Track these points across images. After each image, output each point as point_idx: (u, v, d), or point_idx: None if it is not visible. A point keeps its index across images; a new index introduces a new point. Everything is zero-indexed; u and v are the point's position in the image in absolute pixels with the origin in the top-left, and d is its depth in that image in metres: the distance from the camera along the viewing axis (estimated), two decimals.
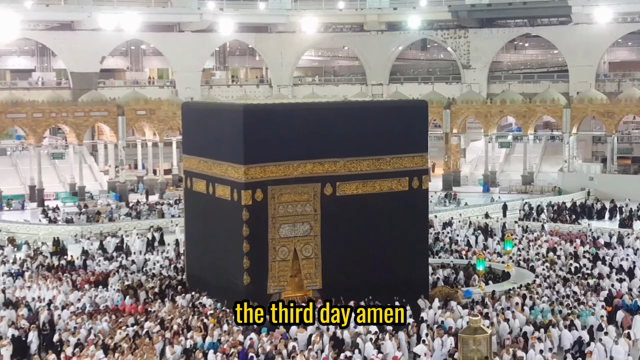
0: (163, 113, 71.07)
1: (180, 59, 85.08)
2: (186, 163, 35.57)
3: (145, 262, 41.11)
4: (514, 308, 30.04)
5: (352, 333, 27.10)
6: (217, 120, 32.91)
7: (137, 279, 36.06)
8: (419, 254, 33.08)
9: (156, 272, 37.88)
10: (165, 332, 27.02)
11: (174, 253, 43.17)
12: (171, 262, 40.63)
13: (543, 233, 47.96)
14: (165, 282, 35.31)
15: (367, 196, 32.01)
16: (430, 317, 29.53)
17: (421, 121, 33.85)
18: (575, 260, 39.60)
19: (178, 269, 38.80)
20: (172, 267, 39.34)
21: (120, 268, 39.18)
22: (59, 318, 29.43)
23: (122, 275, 36.93)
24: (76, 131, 68.05)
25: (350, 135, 31.79)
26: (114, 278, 36.50)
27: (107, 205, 63.10)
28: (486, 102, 73.68)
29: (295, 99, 70.30)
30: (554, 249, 42.35)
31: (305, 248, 31.14)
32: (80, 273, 38.01)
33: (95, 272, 37.92)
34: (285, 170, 30.82)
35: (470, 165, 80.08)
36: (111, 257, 43.22)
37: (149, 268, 39.35)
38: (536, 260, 39.43)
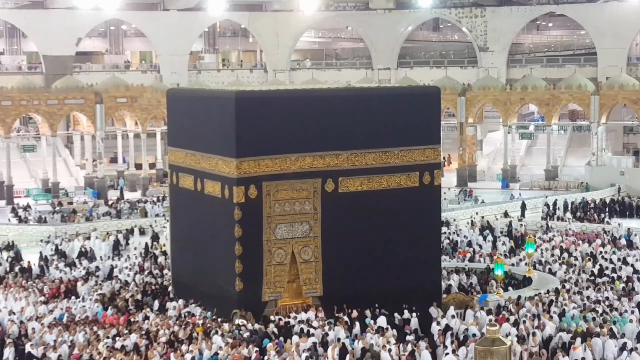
0: (146, 101, 71.11)
1: (165, 41, 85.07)
2: (172, 156, 35.57)
3: (112, 268, 40.81)
4: (542, 315, 30.14)
5: (366, 343, 27.13)
6: (206, 108, 32.91)
7: (110, 287, 35.89)
8: (430, 257, 33.04)
9: (129, 280, 37.61)
10: (157, 346, 26.95)
11: (142, 257, 43.20)
12: (142, 268, 40.44)
13: (557, 233, 48.22)
14: (147, 289, 35.30)
15: (373, 193, 32.00)
16: (455, 326, 29.62)
17: (433, 110, 33.81)
18: (593, 261, 40.16)
19: (154, 274, 38.77)
20: (146, 273, 39.20)
21: (89, 275, 39.03)
22: (32, 332, 29.27)
23: (92, 284, 36.79)
24: (49, 121, 68.10)
25: (355, 126, 31.76)
26: (83, 287, 36.32)
27: (84, 204, 63.18)
28: (505, 88, 73.68)
29: (293, 85, 70.29)
30: (567, 250, 42.90)
31: (304, 250, 31.16)
32: (44, 281, 37.73)
33: (63, 280, 37.66)
34: (281, 164, 30.83)
35: (487, 159, 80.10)
36: (72, 263, 42.98)
37: (121, 275, 38.99)
38: (552, 263, 39.71)
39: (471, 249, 44.60)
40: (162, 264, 41.63)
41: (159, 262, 41.95)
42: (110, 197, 66.41)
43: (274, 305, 30.96)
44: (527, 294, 33.56)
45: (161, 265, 41.38)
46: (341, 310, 30.31)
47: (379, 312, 30.54)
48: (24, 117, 78.26)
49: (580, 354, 26.42)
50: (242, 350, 26.36)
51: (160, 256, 43.30)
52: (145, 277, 38.21)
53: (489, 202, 62.45)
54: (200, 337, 27.79)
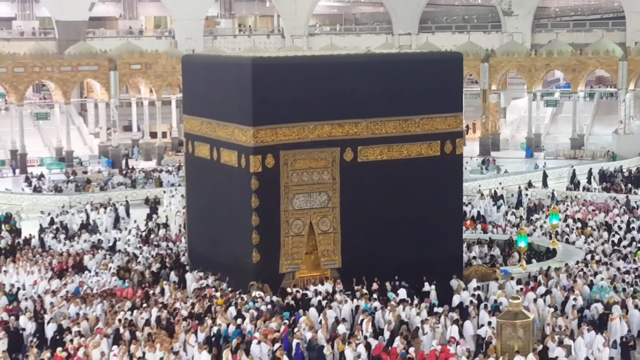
0: (161, 67, 71.09)
1: (180, 6, 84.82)
2: (187, 125, 35.58)
3: (115, 241, 40.72)
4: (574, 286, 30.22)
5: (396, 315, 27.24)
6: (223, 75, 32.84)
7: (120, 260, 35.93)
8: (451, 229, 33.01)
9: (137, 252, 37.57)
10: (181, 320, 27.08)
11: (147, 229, 43.21)
12: (144, 241, 40.40)
13: (574, 203, 48.25)
14: (162, 261, 35.48)
15: (393, 162, 31.92)
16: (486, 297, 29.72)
17: (455, 76, 33.59)
18: (608, 231, 40.64)
19: (161, 247, 38.80)
20: (153, 246, 39.18)
21: (95, 248, 39.05)
22: (51, 306, 29.38)
23: (101, 257, 36.81)
24: (63, 88, 68.26)
25: (374, 93, 31.60)
26: (92, 261, 36.28)
27: (98, 173, 63.45)
28: (530, 54, 73.12)
29: (311, 51, 70.01)
30: (582, 220, 43.30)
31: (322, 221, 31.18)
32: (52, 254, 37.72)
33: (70, 254, 37.72)
34: (299, 132, 30.78)
35: (511, 127, 79.72)
36: (73, 235, 42.86)
37: (129, 248, 38.99)
38: (570, 233, 39.76)
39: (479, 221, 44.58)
40: (167, 235, 41.66)
41: (166, 234, 41.90)
42: (125, 167, 66.65)
43: (292, 277, 31.05)
44: (553, 267, 33.49)
45: (165, 236, 41.43)
46: (360, 283, 30.37)
47: (398, 284, 30.58)
48: (37, 84, 78.53)
49: (618, 325, 26.46)
50: (271, 324, 26.44)
51: (162, 228, 43.31)
52: (152, 250, 38.14)
53: (513, 171, 62.22)
54: (220, 310, 27.91)
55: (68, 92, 68.68)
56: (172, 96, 74.79)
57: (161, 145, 72.55)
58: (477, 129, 78.35)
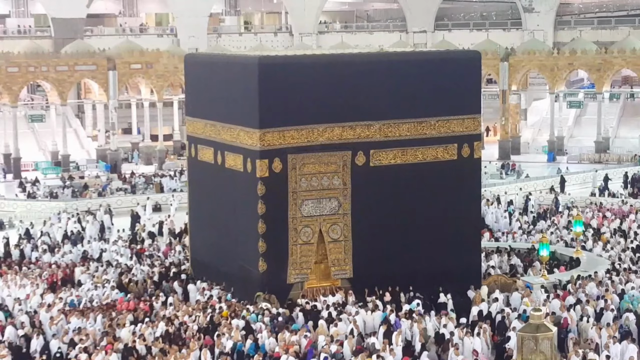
0: (162, 67, 71.31)
1: (183, 2, 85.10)
2: (190, 127, 35.70)
3: (101, 252, 40.35)
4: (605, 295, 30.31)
5: (421, 327, 27.36)
6: (227, 75, 32.96)
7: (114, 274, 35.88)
8: (469, 237, 33.04)
9: (129, 263, 37.57)
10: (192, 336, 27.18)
11: (138, 239, 43.20)
12: (133, 250, 40.22)
13: (588, 209, 48.32)
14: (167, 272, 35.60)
15: (407, 167, 31.97)
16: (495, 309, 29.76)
17: (473, 76, 33.65)
18: (624, 238, 40.74)
19: (153, 257, 38.75)
20: (146, 256, 39.03)
21: (86, 260, 38.83)
22: (51, 321, 29.38)
23: (93, 270, 36.62)
24: (59, 89, 68.52)
25: (387, 94, 31.68)
26: (84, 274, 35.97)
27: (96, 178, 63.61)
28: (552, 52, 73.08)
29: (320, 49, 70.11)
30: (594, 227, 43.53)
31: (332, 229, 31.24)
32: (41, 267, 37.51)
33: (60, 266, 37.61)
34: (308, 135, 30.85)
35: (532, 130, 79.62)
36: (54, 246, 42.24)
37: (121, 259, 38.78)
38: (584, 241, 39.89)
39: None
40: (156, 246, 41.59)
41: (154, 245, 41.83)
42: (124, 171, 66.80)
43: (300, 287, 31.10)
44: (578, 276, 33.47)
45: (157, 247, 41.38)
46: (373, 294, 30.39)
47: (413, 295, 30.62)
48: (32, 85, 78.86)
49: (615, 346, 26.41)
50: (292, 337, 26.53)
51: (147, 239, 43.27)
52: (145, 260, 38.05)
53: (534, 176, 62.13)
54: (227, 323, 27.99)
55: (64, 93, 68.92)
56: (174, 97, 74.97)
57: (162, 148, 72.69)
58: (496, 131, 78.24)
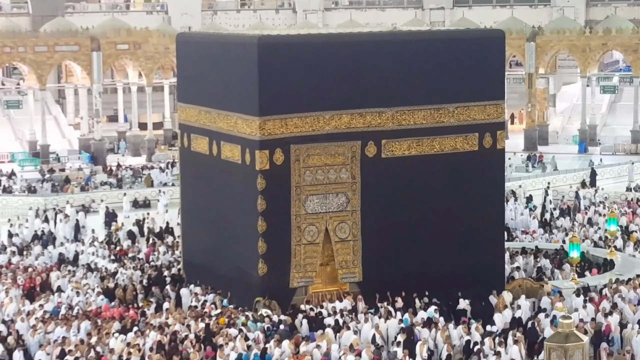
0: (152, 48, 71.24)
1: None
2: (182, 114, 35.70)
3: (77, 255, 40.34)
4: None
5: (445, 337, 27.46)
6: (224, 57, 32.94)
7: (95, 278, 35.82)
8: (492, 236, 33.04)
9: (108, 267, 37.61)
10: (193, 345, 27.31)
11: (114, 239, 43.26)
12: (112, 252, 40.31)
13: (616, 205, 48.51)
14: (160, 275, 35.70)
15: (423, 158, 31.96)
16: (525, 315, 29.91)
17: (496, 58, 33.60)
18: None
19: (136, 260, 38.68)
20: (129, 258, 38.98)
21: (62, 264, 38.79)
22: (33, 330, 29.37)
23: (70, 274, 36.49)
24: (37, 71, 68.49)
25: (401, 78, 31.65)
26: (61, 280, 35.92)
27: (79, 170, 63.64)
28: (584, 32, 72.87)
29: (327, 28, 70.06)
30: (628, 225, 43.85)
31: (340, 227, 31.24)
32: (14, 271, 37.24)
33: (36, 269, 37.50)
34: (313, 123, 30.85)
35: (561, 118, 79.46)
36: (22, 249, 42.13)
37: (102, 262, 38.78)
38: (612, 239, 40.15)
39: None
40: (136, 247, 41.58)
41: (135, 247, 41.83)
42: (110, 163, 66.84)
43: (304, 292, 31.14)
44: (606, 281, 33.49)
45: (138, 248, 41.36)
46: (385, 299, 30.40)
47: (429, 301, 30.64)
48: (8, 67, 78.86)
49: None
50: (305, 347, 26.68)
51: (126, 239, 43.35)
52: (130, 264, 37.91)
53: (563, 169, 62.06)
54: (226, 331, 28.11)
55: (43, 77, 68.88)
56: (165, 81, 74.92)
57: (152, 138, 72.70)
58: (522, 119, 78.11)
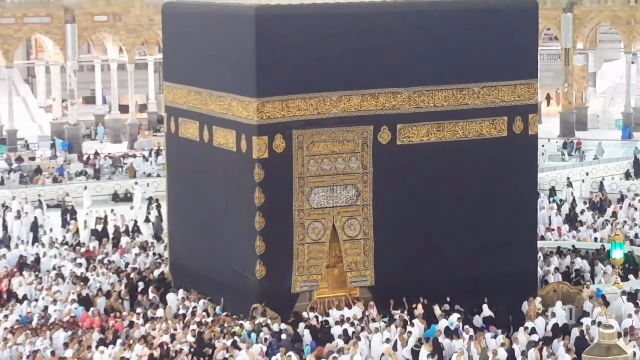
0: (134, 19, 71.23)
1: None
2: (169, 95, 35.74)
3: (38, 257, 40.19)
4: None
5: (480, 348, 27.61)
6: (216, 30, 32.96)
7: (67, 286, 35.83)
8: (522, 234, 33.06)
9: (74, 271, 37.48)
10: None
11: (73, 241, 43.33)
12: (80, 255, 40.30)
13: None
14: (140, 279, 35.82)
15: (444, 145, 32.00)
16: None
17: (528, 31, 33.56)
18: None
19: (109, 262, 38.67)
20: (99, 261, 38.90)
21: (24, 268, 38.59)
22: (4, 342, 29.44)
23: (35, 280, 36.51)
24: (3, 47, 68.50)
25: (419, 54, 31.65)
26: (25, 287, 35.86)
27: (51, 159, 63.70)
28: (629, 0, 72.76)
29: None
30: None
31: (349, 224, 31.29)
32: None
33: None
34: (319, 106, 30.89)
35: (602, 99, 79.40)
36: None
37: (69, 266, 38.53)
38: None
39: None
40: (102, 250, 41.52)
41: (101, 248, 41.78)
42: (86, 151, 66.88)
43: (308, 298, 31.22)
44: None
45: (100, 249, 41.36)
46: (399, 306, 30.47)
47: (450, 308, 30.74)
48: None
49: None
50: None
51: (91, 240, 43.27)
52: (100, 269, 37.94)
53: (605, 158, 62.05)
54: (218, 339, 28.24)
55: (10, 52, 68.96)
56: (149, 57, 74.99)
57: (134, 122, 72.77)
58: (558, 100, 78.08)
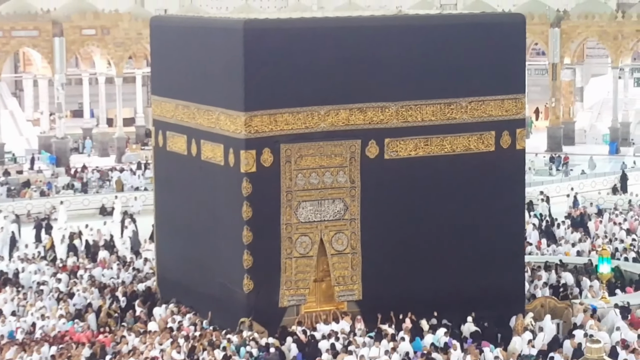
0: (122, 33, 71.24)
1: None
2: (157, 109, 35.75)
3: (17, 272, 40.09)
4: None
5: None
6: (204, 44, 32.97)
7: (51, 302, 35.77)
8: (509, 249, 33.09)
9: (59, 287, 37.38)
10: None
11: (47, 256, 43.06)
12: (58, 269, 40.12)
13: (632, 212, 49.72)
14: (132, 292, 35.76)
15: (432, 160, 32.02)
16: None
17: (516, 46, 33.59)
18: None
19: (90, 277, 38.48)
20: (80, 276, 38.71)
21: (6, 283, 38.33)
22: None
23: (18, 296, 36.38)
24: None
25: (407, 68, 31.72)
26: (10, 303, 35.65)
27: (38, 172, 63.61)
28: (616, 16, 73.04)
29: (322, 11, 70.14)
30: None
31: (337, 238, 31.29)
32: None
33: None
34: (307, 120, 30.90)
35: (590, 114, 79.57)
36: None
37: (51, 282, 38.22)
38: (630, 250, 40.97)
39: None
40: (81, 263, 41.40)
41: (78, 263, 41.58)
42: (74, 165, 66.78)
43: (296, 312, 31.18)
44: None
45: (80, 265, 41.08)
46: (387, 320, 30.49)
47: (437, 323, 30.72)
48: None
49: None
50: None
51: (68, 256, 42.97)
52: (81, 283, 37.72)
53: (592, 173, 62.20)
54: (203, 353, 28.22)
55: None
56: (137, 71, 74.99)
57: (122, 136, 72.72)
58: (547, 115, 78.24)
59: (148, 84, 66.14)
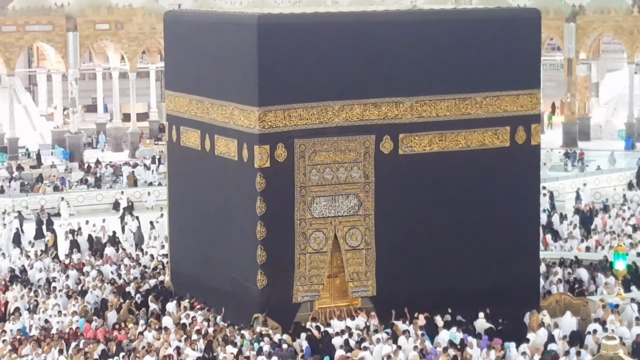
0: (136, 28, 71.24)
1: None
2: (171, 104, 35.75)
3: (24, 269, 40.16)
4: None
5: None
6: (218, 39, 32.97)
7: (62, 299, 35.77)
8: (525, 245, 33.08)
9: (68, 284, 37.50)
10: None
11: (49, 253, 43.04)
12: (62, 265, 40.22)
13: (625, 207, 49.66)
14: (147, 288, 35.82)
15: (446, 155, 32.01)
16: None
17: (531, 41, 33.55)
18: None
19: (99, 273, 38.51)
20: (87, 273, 38.69)
21: (14, 281, 38.45)
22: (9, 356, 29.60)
23: (29, 294, 36.40)
24: (5, 55, 68.52)
25: (422, 63, 31.69)
26: (20, 302, 35.69)
27: (52, 167, 63.70)
28: (632, 10, 72.79)
29: (336, 6, 70.11)
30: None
31: (351, 234, 31.28)
32: None
33: None
34: (320, 115, 30.89)
35: (605, 109, 79.33)
36: None
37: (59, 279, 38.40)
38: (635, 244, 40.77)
39: None
40: (88, 259, 41.41)
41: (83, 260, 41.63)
42: (87, 159, 66.84)
43: (309, 308, 31.20)
44: None
45: (85, 262, 41.00)
46: (401, 316, 30.46)
47: (451, 319, 30.71)
48: None
49: None
50: None
51: (74, 253, 43.11)
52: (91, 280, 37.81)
53: (608, 168, 62.02)
54: None
55: (12, 60, 68.91)
56: (151, 66, 75.00)
57: (136, 131, 72.74)
58: (562, 110, 78.05)
59: (162, 79, 66.13)
